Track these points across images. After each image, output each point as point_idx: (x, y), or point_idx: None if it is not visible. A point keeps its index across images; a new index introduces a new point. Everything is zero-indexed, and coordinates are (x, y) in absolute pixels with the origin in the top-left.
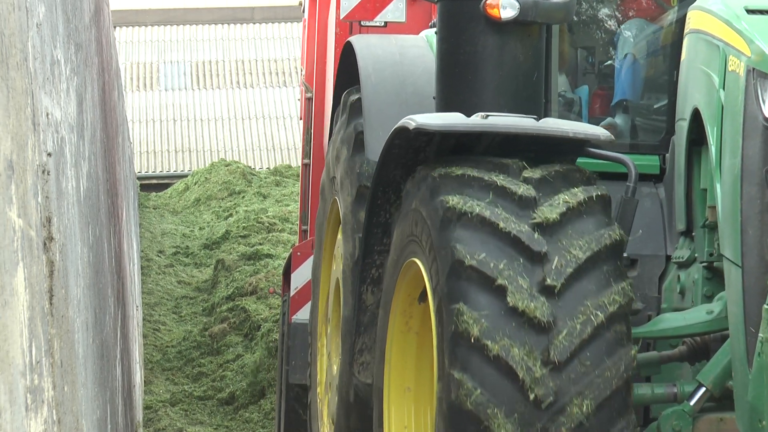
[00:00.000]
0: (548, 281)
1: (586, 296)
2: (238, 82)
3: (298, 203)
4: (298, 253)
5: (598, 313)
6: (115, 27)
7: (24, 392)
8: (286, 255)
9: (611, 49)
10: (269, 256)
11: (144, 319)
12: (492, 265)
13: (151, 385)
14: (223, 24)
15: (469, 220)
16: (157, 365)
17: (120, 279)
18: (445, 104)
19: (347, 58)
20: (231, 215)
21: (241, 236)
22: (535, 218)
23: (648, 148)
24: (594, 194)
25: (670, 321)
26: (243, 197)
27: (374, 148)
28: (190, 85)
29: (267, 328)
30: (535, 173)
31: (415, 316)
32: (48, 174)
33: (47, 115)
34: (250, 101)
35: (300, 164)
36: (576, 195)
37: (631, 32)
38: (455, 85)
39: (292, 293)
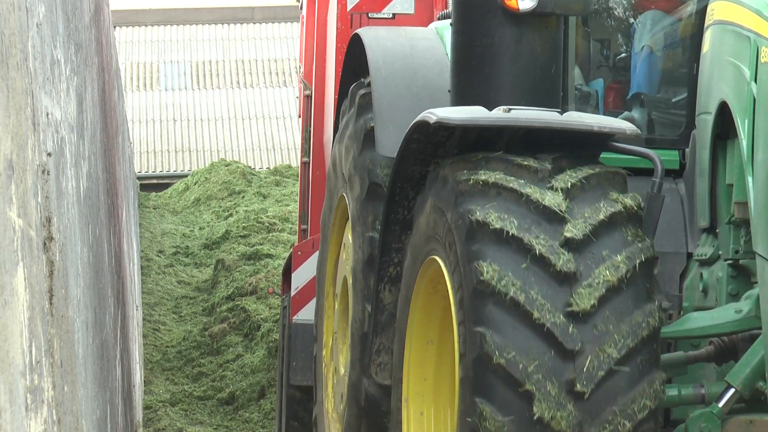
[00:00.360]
0: (576, 305)
1: (619, 319)
2: (238, 82)
3: (298, 203)
4: (299, 253)
5: (629, 338)
6: (115, 27)
7: (24, 392)
8: (286, 255)
9: (626, 41)
10: (269, 256)
11: (144, 319)
12: (520, 288)
13: (151, 385)
14: (223, 24)
15: (497, 237)
16: (157, 365)
17: (120, 279)
18: (460, 98)
19: (354, 50)
20: (231, 215)
21: (241, 236)
22: (564, 235)
23: (666, 142)
24: (626, 204)
25: (697, 320)
26: (243, 197)
27: (385, 142)
28: (190, 85)
29: (267, 328)
30: (565, 180)
31: (434, 318)
32: (48, 174)
33: (47, 115)
34: (250, 101)
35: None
36: (607, 207)
37: (647, 24)
38: (471, 78)
39: (293, 293)
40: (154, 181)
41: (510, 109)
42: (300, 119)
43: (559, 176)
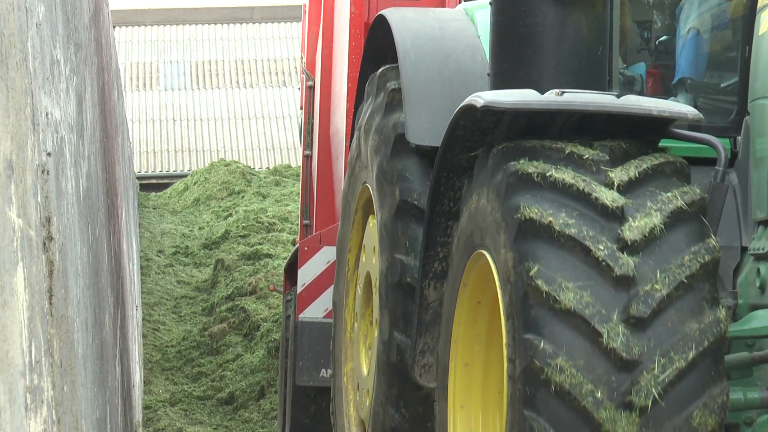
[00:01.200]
0: (635, 311)
1: (681, 327)
2: (237, 82)
3: (299, 197)
4: (306, 248)
5: (691, 344)
6: (114, 27)
7: (23, 392)
8: (286, 255)
9: (670, 22)
10: (269, 255)
11: (143, 319)
12: (573, 294)
13: (150, 385)
14: (222, 24)
15: (549, 236)
16: (157, 365)
17: (119, 279)
18: (501, 81)
19: (376, 34)
20: (231, 215)
21: (240, 236)
22: (623, 235)
23: (715, 130)
24: (691, 198)
25: (762, 319)
26: (242, 197)
27: (415, 129)
28: (190, 85)
29: (266, 328)
30: (625, 172)
31: (481, 316)
32: (47, 174)
33: (47, 115)
34: (250, 101)
35: (300, 162)
36: (670, 202)
37: (694, 5)
38: (513, 60)
39: (299, 290)
40: (154, 181)
41: (563, 92)
42: (302, 111)
43: (618, 168)
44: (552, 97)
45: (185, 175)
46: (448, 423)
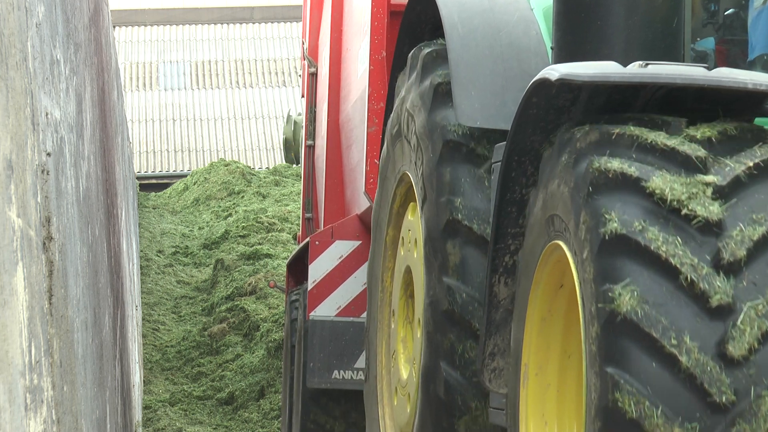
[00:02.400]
0: (732, 350)
1: None
2: (237, 82)
3: (299, 196)
4: (317, 243)
5: None
6: (114, 26)
7: (23, 392)
8: (286, 255)
9: None
10: (268, 255)
11: (143, 319)
12: (663, 323)
13: (150, 385)
14: (222, 24)
15: (637, 251)
16: (157, 365)
17: (119, 279)
18: (566, 55)
19: (414, 8)
20: (230, 215)
21: (240, 236)
22: (723, 256)
23: None
24: None
25: None
26: (242, 197)
27: (465, 109)
28: (190, 85)
29: (266, 328)
30: (730, 171)
31: (558, 316)
32: (47, 174)
33: (46, 114)
34: (250, 101)
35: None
36: None
37: None
38: (580, 32)
39: (309, 287)
40: (154, 181)
41: (647, 64)
42: (303, 99)
43: (722, 163)
44: (635, 70)
45: (185, 175)
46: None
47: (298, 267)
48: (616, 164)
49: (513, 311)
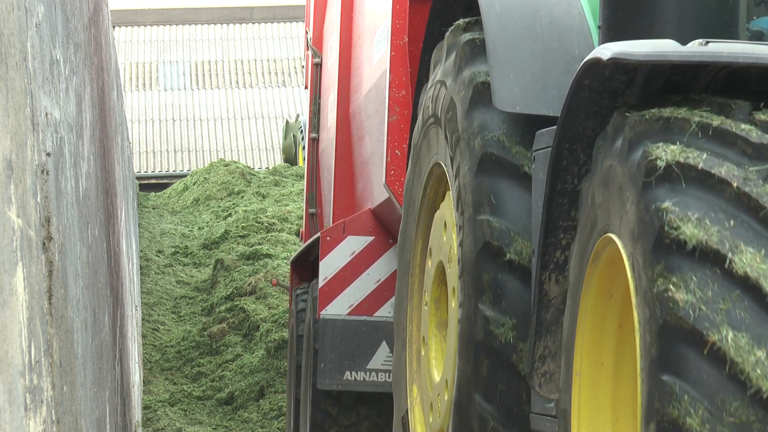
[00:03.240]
0: None
1: None
2: (237, 82)
3: (299, 196)
4: (328, 238)
5: None
6: (114, 27)
7: (23, 392)
8: (286, 255)
9: None
10: (268, 256)
11: (143, 319)
12: (727, 332)
13: (150, 385)
14: (222, 24)
15: (699, 252)
16: (156, 365)
17: (119, 279)
18: (615, 34)
19: None
20: (230, 215)
21: (240, 236)
22: None
23: None
24: None
25: None
26: (242, 197)
27: (503, 94)
28: (190, 85)
29: (266, 328)
30: None
31: (609, 314)
32: (47, 174)
33: (46, 115)
34: (250, 101)
35: (300, 162)
36: None
37: None
38: (631, 9)
39: (320, 284)
40: (153, 181)
41: (707, 42)
42: (307, 91)
43: None
44: (695, 48)
45: (185, 175)
46: None
47: (302, 264)
48: (674, 152)
49: (564, 311)
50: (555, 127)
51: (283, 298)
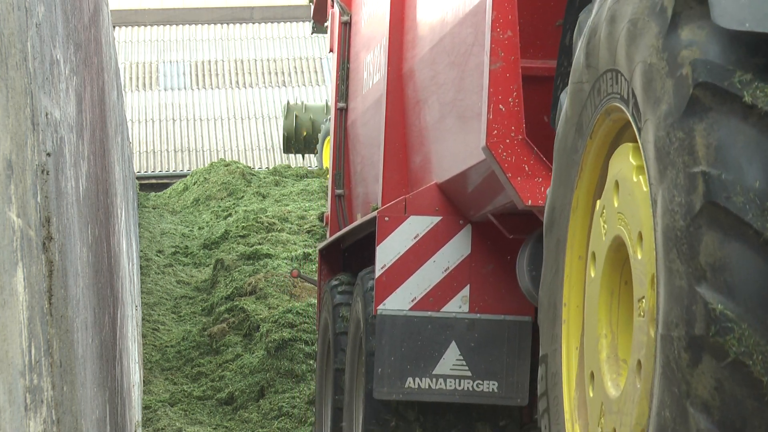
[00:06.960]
0: None
1: None
2: (237, 82)
3: (299, 197)
4: (386, 218)
5: None
6: (114, 27)
7: (23, 392)
8: (286, 255)
9: None
10: (268, 255)
11: (143, 319)
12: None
13: (150, 385)
14: (222, 24)
15: None
16: (156, 365)
17: (119, 279)
18: None
19: None
20: (230, 215)
21: (240, 236)
22: None
23: None
24: None
25: None
26: (242, 197)
27: (727, 6)
28: (190, 85)
29: (266, 328)
30: None
31: None
32: (47, 174)
33: (46, 115)
34: (250, 101)
35: (299, 162)
36: None
37: None
38: None
39: (377, 273)
40: (154, 181)
41: None
42: (331, 54)
43: None
44: None
45: (185, 175)
46: None
47: (332, 254)
48: None
49: None
50: None
51: (284, 298)
